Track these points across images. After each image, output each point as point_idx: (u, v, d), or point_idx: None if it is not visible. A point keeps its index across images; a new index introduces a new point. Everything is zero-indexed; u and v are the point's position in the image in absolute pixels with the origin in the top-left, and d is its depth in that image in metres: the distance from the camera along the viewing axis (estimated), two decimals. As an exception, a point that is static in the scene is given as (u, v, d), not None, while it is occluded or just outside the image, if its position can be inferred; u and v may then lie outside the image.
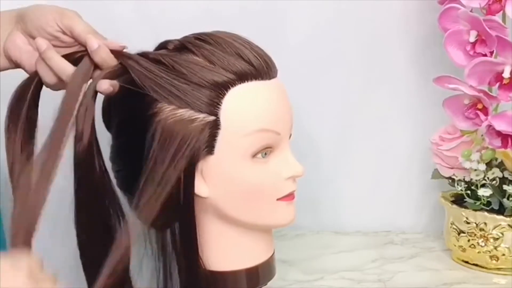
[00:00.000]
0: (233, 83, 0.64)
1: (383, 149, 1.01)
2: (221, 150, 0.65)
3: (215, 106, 0.64)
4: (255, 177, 0.67)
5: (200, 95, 0.64)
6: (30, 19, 0.66)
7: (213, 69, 0.64)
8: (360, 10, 0.96)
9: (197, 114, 0.64)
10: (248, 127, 0.65)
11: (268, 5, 0.95)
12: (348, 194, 1.03)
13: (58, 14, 0.65)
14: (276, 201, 0.69)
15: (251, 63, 0.65)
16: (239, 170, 0.66)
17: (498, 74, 0.78)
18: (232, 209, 0.68)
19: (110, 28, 0.92)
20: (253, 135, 0.65)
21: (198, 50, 0.66)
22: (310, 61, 0.97)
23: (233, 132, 0.65)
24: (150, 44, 0.72)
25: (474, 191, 0.87)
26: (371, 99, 1.00)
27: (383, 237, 0.99)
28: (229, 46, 0.66)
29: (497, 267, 0.86)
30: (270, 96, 0.67)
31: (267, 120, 0.66)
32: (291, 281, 0.84)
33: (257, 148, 0.66)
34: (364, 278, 0.86)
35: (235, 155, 0.65)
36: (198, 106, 0.64)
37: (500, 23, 0.77)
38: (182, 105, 0.64)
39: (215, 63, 0.64)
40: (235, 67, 0.64)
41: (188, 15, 0.94)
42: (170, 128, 0.64)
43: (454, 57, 0.81)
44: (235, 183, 0.66)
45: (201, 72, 0.64)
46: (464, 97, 0.80)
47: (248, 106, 0.65)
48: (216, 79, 0.64)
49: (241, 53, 0.65)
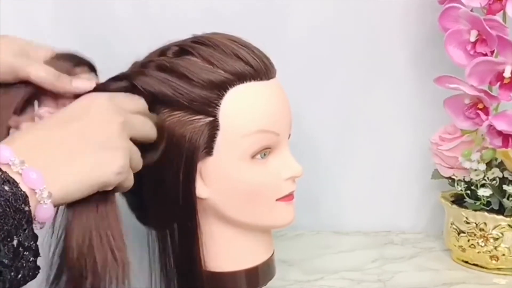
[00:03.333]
0: (231, 84, 0.64)
1: (383, 149, 1.01)
2: (220, 151, 0.65)
3: (214, 107, 0.64)
4: (254, 178, 0.67)
5: (198, 96, 0.63)
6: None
7: (212, 70, 0.64)
8: (360, 10, 0.96)
9: (195, 115, 0.64)
10: (247, 128, 0.65)
11: (268, 5, 0.95)
12: (348, 194, 1.03)
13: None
14: (276, 201, 0.69)
15: (249, 64, 0.65)
16: (238, 171, 0.66)
17: (498, 74, 0.77)
18: (232, 210, 0.68)
19: (110, 28, 0.93)
20: (252, 136, 0.65)
21: (196, 52, 0.65)
22: (309, 62, 0.97)
23: (232, 133, 0.65)
24: (149, 44, 0.72)
25: (474, 191, 0.86)
26: (371, 98, 1.00)
27: (383, 237, 0.99)
28: (227, 47, 0.65)
29: (497, 267, 0.86)
30: (269, 97, 0.67)
31: (266, 120, 0.66)
32: (291, 281, 0.84)
33: (256, 149, 0.66)
34: (364, 278, 0.85)
35: (234, 156, 0.65)
36: (196, 107, 0.64)
37: (501, 23, 0.77)
38: (180, 106, 0.64)
39: (213, 64, 0.64)
40: (233, 68, 0.64)
41: (188, 14, 0.94)
42: (169, 129, 0.64)
43: (454, 56, 0.81)
44: (234, 184, 0.66)
45: (199, 73, 0.64)
46: (465, 96, 0.80)
47: (247, 106, 0.65)
48: (214, 80, 0.64)
49: (239, 54, 0.65)
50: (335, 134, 1.01)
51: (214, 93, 0.64)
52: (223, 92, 0.64)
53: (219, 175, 0.66)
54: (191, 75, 0.63)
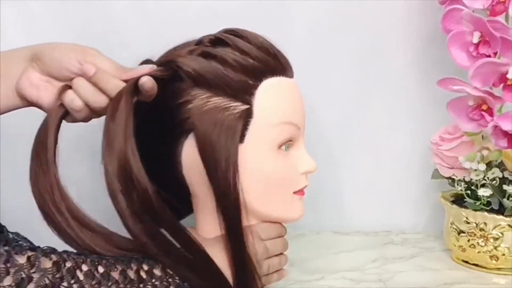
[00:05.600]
0: (265, 75, 0.67)
1: (383, 149, 1.02)
2: (250, 140, 0.67)
3: (250, 94, 0.66)
4: (279, 168, 0.69)
5: (238, 82, 0.66)
6: (49, 59, 0.64)
7: (248, 60, 0.66)
8: (361, 11, 0.97)
9: (233, 102, 0.66)
10: (277, 118, 0.68)
11: (268, 4, 0.95)
12: (348, 194, 1.03)
13: (80, 53, 0.64)
14: (293, 194, 0.71)
15: (279, 60, 0.69)
16: (265, 160, 0.68)
17: (502, 75, 0.78)
18: (253, 199, 0.68)
19: (109, 27, 0.92)
20: (280, 126, 0.68)
21: (232, 42, 0.67)
22: (309, 62, 0.97)
23: (263, 122, 0.67)
24: (149, 44, 0.72)
25: (474, 191, 0.87)
26: (372, 99, 1.00)
27: (383, 237, 1.00)
28: (259, 42, 0.68)
29: (497, 267, 0.86)
30: (293, 92, 0.71)
31: (292, 113, 0.69)
32: (291, 281, 0.83)
33: (282, 139, 0.68)
34: (364, 278, 0.85)
35: (263, 144, 0.67)
36: (235, 92, 0.66)
37: (504, 24, 0.77)
38: (219, 91, 0.65)
39: (249, 55, 0.67)
40: (267, 60, 0.67)
41: (188, 11, 0.94)
42: (206, 115, 0.65)
43: (457, 58, 0.81)
44: (260, 173, 0.68)
45: (239, 61, 0.66)
46: (468, 98, 0.81)
47: (276, 98, 0.68)
48: (251, 69, 0.66)
49: (270, 50, 0.68)
50: (335, 134, 1.01)
51: (252, 81, 0.66)
52: (258, 82, 0.67)
53: (246, 163, 0.67)
54: (231, 62, 0.66)
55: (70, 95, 0.64)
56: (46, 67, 0.65)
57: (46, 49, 0.65)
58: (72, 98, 0.64)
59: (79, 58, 0.64)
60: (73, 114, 0.65)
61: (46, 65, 0.65)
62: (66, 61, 0.64)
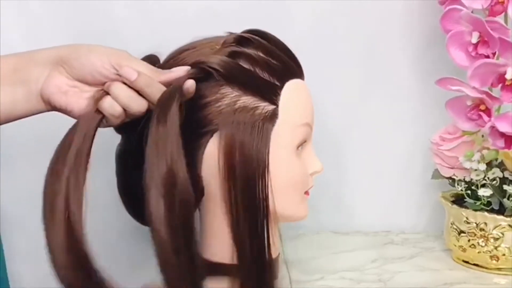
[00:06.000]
0: (288, 77, 0.68)
1: (383, 149, 1.02)
2: (275, 140, 0.67)
3: (277, 95, 0.67)
4: (297, 169, 0.70)
5: (267, 82, 0.66)
6: (80, 63, 0.61)
7: (273, 61, 0.67)
8: (361, 11, 0.96)
9: (261, 102, 0.66)
10: (299, 120, 0.69)
11: (268, 4, 0.95)
12: (348, 194, 1.03)
13: (114, 57, 0.62)
14: (303, 194, 0.72)
15: (297, 63, 0.71)
16: (284, 159, 0.68)
17: (500, 76, 0.78)
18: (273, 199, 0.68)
19: (109, 27, 0.93)
20: (300, 128, 0.69)
21: (258, 43, 0.68)
22: (309, 62, 0.97)
23: (287, 123, 0.68)
24: (148, 43, 0.71)
25: (474, 191, 0.87)
26: (372, 99, 1.00)
27: (383, 237, 1.00)
28: (280, 43, 0.70)
29: (497, 267, 0.86)
30: (308, 94, 0.71)
31: (309, 114, 0.71)
32: (292, 281, 0.84)
33: (300, 140, 0.69)
34: (364, 278, 0.86)
35: (284, 145, 0.68)
36: (264, 92, 0.66)
37: (503, 25, 0.77)
38: (248, 90, 0.66)
39: (273, 56, 0.68)
40: (288, 63, 0.69)
41: (188, 11, 0.94)
42: (234, 114, 0.65)
43: (456, 58, 0.81)
44: (281, 174, 0.68)
45: (266, 62, 0.67)
46: (467, 98, 0.81)
47: (297, 100, 0.69)
48: (278, 70, 0.67)
49: (288, 52, 0.70)
50: (335, 134, 1.01)
51: (278, 82, 0.67)
52: (283, 83, 0.68)
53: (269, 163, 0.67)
54: (260, 61, 0.66)
55: (109, 101, 0.61)
56: (76, 71, 0.62)
57: (74, 52, 0.62)
58: (111, 104, 0.61)
59: (113, 61, 0.61)
60: (110, 120, 0.62)
61: (75, 69, 0.61)
62: (99, 65, 0.61)
